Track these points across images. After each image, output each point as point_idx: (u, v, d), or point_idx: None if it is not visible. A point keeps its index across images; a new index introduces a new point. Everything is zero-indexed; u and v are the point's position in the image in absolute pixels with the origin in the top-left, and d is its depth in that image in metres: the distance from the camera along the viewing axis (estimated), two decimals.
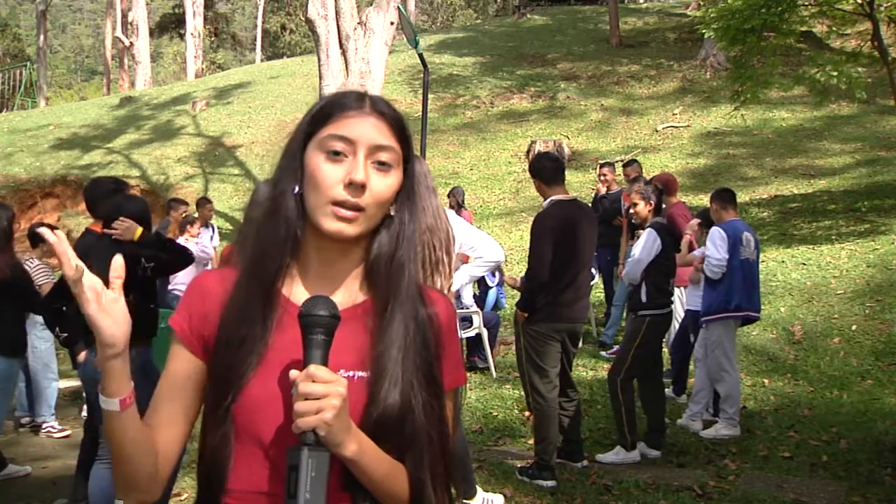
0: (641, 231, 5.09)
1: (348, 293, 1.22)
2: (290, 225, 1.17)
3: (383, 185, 1.16)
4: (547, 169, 4.62)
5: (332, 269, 1.21)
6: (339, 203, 1.13)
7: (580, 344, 4.78)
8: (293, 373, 1.08)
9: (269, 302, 1.17)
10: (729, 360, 5.30)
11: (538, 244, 4.48)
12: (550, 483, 4.41)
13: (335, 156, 1.14)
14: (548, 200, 4.60)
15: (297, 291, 1.21)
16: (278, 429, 1.13)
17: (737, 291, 5.26)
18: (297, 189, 1.18)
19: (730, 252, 5.23)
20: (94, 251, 3.74)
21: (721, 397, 5.35)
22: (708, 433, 5.26)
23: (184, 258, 3.95)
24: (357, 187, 1.12)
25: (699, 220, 5.86)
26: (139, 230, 3.71)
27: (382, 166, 1.16)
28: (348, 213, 1.13)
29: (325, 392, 1.04)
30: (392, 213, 1.20)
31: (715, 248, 5.24)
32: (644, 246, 4.89)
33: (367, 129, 1.15)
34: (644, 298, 4.92)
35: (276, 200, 1.19)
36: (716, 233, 5.30)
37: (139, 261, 3.66)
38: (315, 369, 1.06)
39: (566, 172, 4.84)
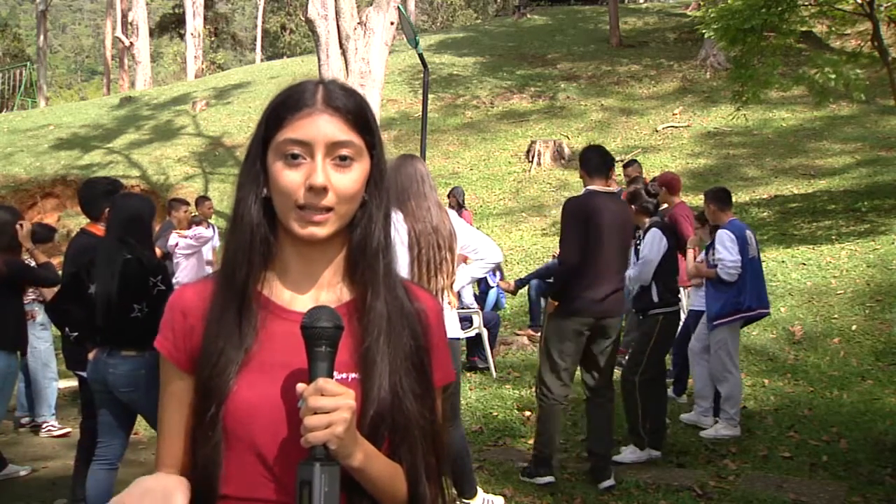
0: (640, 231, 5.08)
1: (333, 292, 1.21)
2: (254, 231, 1.16)
3: (347, 181, 1.13)
4: (591, 160, 4.57)
5: (313, 267, 1.20)
6: (304, 207, 1.11)
7: (614, 340, 4.55)
8: (300, 386, 1.06)
9: (244, 309, 1.15)
10: (732, 361, 5.30)
11: (565, 227, 4.47)
12: (547, 479, 4.34)
13: (293, 160, 1.12)
14: (584, 189, 4.59)
15: (279, 292, 1.19)
16: (274, 434, 1.11)
17: (747, 291, 5.24)
18: (265, 192, 1.16)
19: (740, 252, 5.23)
20: (97, 255, 3.73)
21: (722, 397, 5.34)
22: (708, 433, 5.26)
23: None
24: (318, 190, 1.10)
25: (699, 230, 5.84)
26: None
27: (344, 161, 1.13)
28: (317, 217, 1.11)
29: (336, 405, 1.03)
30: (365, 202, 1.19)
31: (727, 250, 5.20)
32: (651, 246, 4.87)
33: (321, 128, 1.12)
34: (656, 298, 4.90)
35: (239, 207, 1.18)
36: (724, 235, 5.26)
37: (151, 274, 3.66)
38: (324, 383, 1.04)
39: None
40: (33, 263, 4.61)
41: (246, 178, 1.19)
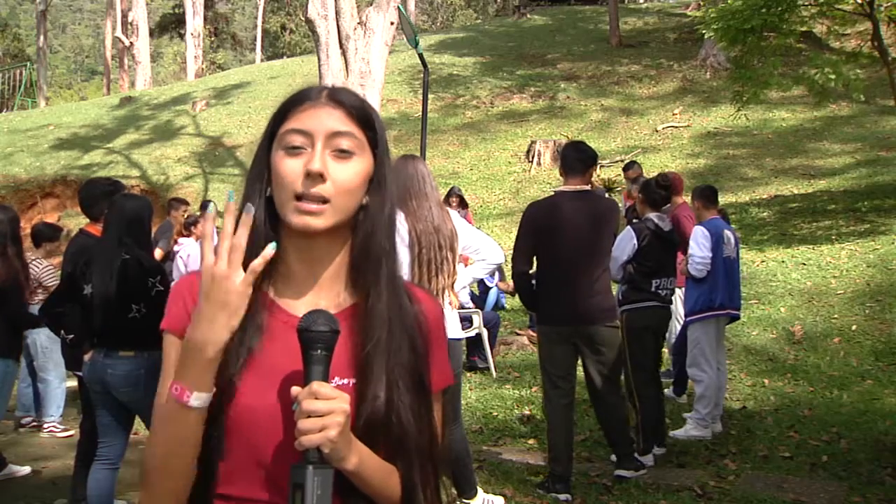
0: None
1: (335, 296, 1.20)
2: (257, 230, 1.15)
3: (345, 172, 1.13)
4: (565, 158, 4.49)
5: (315, 270, 1.19)
6: (301, 196, 1.12)
7: (608, 349, 4.34)
8: (294, 389, 1.06)
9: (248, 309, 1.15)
10: (707, 360, 5.24)
11: (517, 234, 4.46)
12: (564, 497, 4.22)
13: (294, 150, 1.13)
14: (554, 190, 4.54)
15: (282, 294, 1.19)
16: (273, 437, 1.11)
17: (719, 290, 5.24)
18: (269, 191, 1.17)
19: (713, 250, 5.23)
20: (94, 255, 3.73)
21: (696, 396, 5.33)
22: (678, 433, 5.24)
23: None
24: (315, 177, 1.11)
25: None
26: None
27: (343, 154, 1.14)
28: (312, 206, 1.11)
29: (329, 409, 1.03)
30: (365, 203, 1.18)
31: (698, 246, 5.21)
32: (619, 245, 4.73)
33: (322, 119, 1.14)
34: (620, 297, 4.87)
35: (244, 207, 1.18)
36: (699, 231, 5.27)
37: (150, 275, 3.65)
38: (318, 386, 1.04)
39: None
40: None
41: (252, 178, 1.20)
